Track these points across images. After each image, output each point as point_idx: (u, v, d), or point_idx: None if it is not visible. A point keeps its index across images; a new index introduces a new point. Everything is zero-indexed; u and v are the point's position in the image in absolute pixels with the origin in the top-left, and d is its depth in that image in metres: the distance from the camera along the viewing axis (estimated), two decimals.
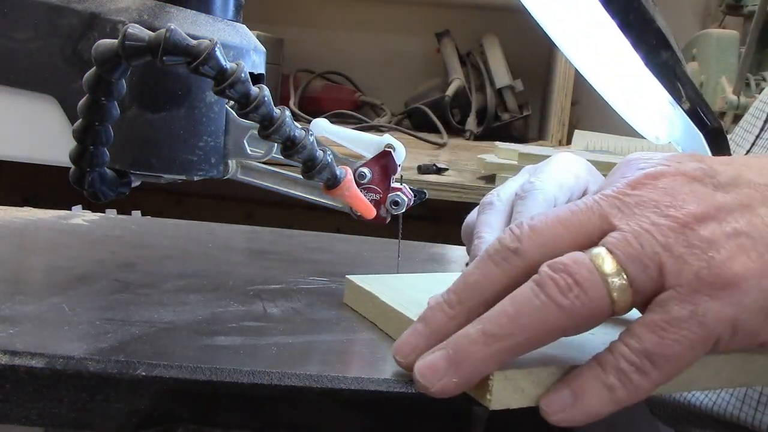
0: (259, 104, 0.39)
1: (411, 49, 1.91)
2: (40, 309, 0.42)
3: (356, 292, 0.47)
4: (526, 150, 1.27)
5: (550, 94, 1.69)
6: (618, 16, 0.38)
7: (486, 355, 0.32)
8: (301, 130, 0.42)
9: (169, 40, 0.36)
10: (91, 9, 0.43)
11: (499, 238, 0.34)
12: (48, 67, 0.44)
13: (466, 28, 1.81)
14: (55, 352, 0.36)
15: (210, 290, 0.48)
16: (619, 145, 1.42)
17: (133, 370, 0.35)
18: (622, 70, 0.45)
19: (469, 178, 1.24)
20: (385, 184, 0.51)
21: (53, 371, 0.35)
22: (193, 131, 0.45)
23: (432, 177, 1.22)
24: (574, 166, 0.60)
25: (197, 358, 0.37)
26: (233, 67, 0.38)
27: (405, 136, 1.57)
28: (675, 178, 0.34)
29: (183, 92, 0.44)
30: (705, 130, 0.42)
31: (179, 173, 0.45)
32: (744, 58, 1.36)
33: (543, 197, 0.55)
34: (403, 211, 0.52)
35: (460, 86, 1.71)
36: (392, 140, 0.51)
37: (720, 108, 1.40)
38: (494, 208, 0.56)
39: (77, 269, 0.51)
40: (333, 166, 0.45)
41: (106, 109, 0.39)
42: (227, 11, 0.46)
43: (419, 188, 0.54)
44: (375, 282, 0.46)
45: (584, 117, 1.77)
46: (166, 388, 0.35)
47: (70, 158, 0.41)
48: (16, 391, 0.35)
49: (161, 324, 0.41)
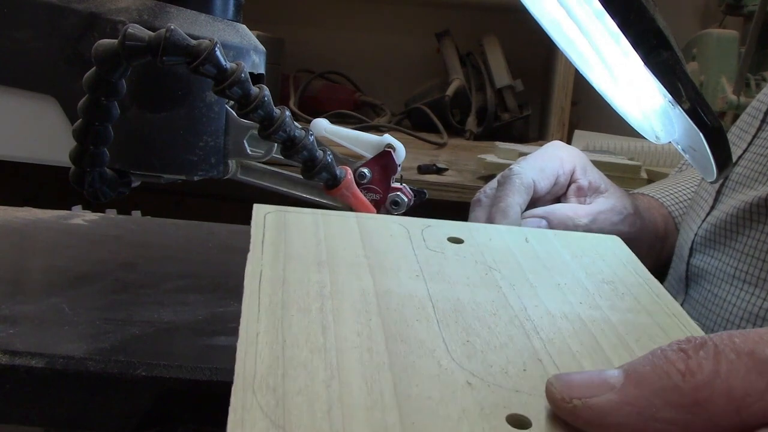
0: (259, 104, 0.39)
1: (411, 49, 1.90)
2: (40, 309, 0.42)
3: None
4: (526, 150, 1.27)
5: (550, 94, 1.69)
6: (618, 16, 0.38)
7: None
8: (301, 130, 0.42)
9: (169, 40, 0.36)
10: (91, 9, 0.43)
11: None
12: (48, 67, 0.44)
13: (466, 28, 1.81)
14: (55, 352, 0.36)
15: (210, 290, 0.48)
16: (619, 145, 1.42)
17: (133, 370, 0.35)
18: (622, 70, 0.45)
19: (469, 178, 1.24)
20: (385, 184, 0.51)
21: (53, 371, 0.35)
22: (193, 131, 0.45)
23: (432, 177, 1.22)
24: (558, 151, 0.61)
25: (197, 358, 0.37)
26: (233, 67, 0.38)
27: (405, 136, 1.57)
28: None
29: (183, 92, 0.44)
30: (705, 129, 0.42)
31: (179, 173, 0.45)
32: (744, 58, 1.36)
33: (520, 182, 0.56)
34: (403, 211, 0.52)
35: (460, 86, 1.71)
36: (392, 140, 0.51)
37: (720, 108, 1.40)
38: (481, 204, 0.57)
39: (77, 269, 0.51)
40: (333, 166, 0.45)
41: (106, 109, 0.39)
42: (227, 11, 0.46)
43: (419, 188, 0.54)
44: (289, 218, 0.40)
45: (584, 117, 1.77)
46: (166, 388, 0.35)
47: (70, 158, 0.41)
48: (16, 391, 0.35)
49: (161, 324, 0.41)
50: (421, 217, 0.45)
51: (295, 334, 0.30)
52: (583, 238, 0.45)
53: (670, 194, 0.74)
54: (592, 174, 0.62)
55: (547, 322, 0.34)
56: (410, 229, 0.42)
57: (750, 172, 0.59)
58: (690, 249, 0.62)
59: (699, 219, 0.63)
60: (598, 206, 0.60)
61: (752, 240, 0.56)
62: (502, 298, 0.36)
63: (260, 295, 0.33)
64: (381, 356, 0.29)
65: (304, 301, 0.33)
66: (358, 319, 0.32)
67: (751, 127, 0.62)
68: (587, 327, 0.34)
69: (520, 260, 0.40)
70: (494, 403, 0.27)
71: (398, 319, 0.33)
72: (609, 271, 0.41)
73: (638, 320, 0.36)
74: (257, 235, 0.38)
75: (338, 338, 0.30)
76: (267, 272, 0.35)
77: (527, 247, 0.42)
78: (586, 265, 0.41)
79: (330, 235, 0.40)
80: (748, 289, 0.55)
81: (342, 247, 0.38)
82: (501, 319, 0.34)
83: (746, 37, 1.39)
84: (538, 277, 0.38)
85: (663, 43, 0.39)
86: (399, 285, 0.36)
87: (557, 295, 0.37)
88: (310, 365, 0.28)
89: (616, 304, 0.37)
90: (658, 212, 0.71)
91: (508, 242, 0.42)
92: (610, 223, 0.60)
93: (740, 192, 0.59)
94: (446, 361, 0.30)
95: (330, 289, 0.34)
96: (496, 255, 0.41)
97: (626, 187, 0.68)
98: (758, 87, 1.40)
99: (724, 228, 0.59)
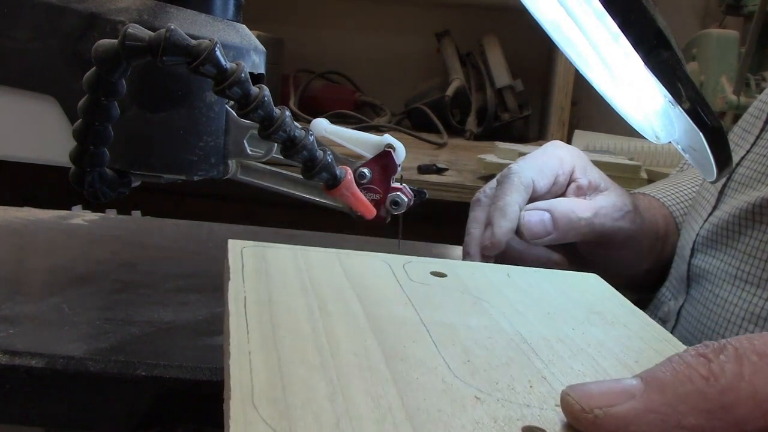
0: (259, 104, 0.39)
1: (411, 49, 1.90)
2: (40, 309, 0.42)
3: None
4: (526, 150, 1.27)
5: (550, 94, 1.69)
6: (618, 16, 0.38)
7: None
8: (301, 130, 0.42)
9: (169, 40, 0.36)
10: (91, 9, 0.43)
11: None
12: (48, 67, 0.44)
13: (466, 28, 1.81)
14: (55, 352, 0.36)
15: (210, 290, 0.48)
16: (619, 145, 1.42)
17: (133, 370, 0.35)
18: (622, 70, 0.45)
19: (469, 178, 1.24)
20: (385, 184, 0.51)
21: (53, 371, 0.35)
22: (193, 131, 0.45)
23: (432, 177, 1.22)
24: (558, 151, 0.61)
25: (197, 358, 0.37)
26: (233, 67, 0.38)
27: (405, 136, 1.57)
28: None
29: (183, 92, 0.44)
30: (705, 129, 0.42)
31: (179, 173, 0.45)
32: (744, 58, 1.36)
33: (519, 181, 0.56)
34: (403, 211, 0.52)
35: (460, 86, 1.71)
36: (392, 140, 0.51)
37: (720, 108, 1.40)
38: (481, 203, 0.58)
39: (77, 269, 0.51)
40: (333, 166, 0.45)
41: (106, 109, 0.39)
42: (227, 11, 0.46)
43: (419, 188, 0.54)
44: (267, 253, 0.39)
45: (584, 117, 1.77)
46: (166, 388, 0.35)
47: (70, 158, 0.41)
48: (16, 391, 0.35)
49: (161, 324, 0.41)
50: (420, 219, 0.45)
51: (290, 353, 0.29)
52: (564, 274, 0.45)
53: (672, 194, 0.74)
54: (592, 173, 0.62)
55: (544, 345, 0.34)
56: (392, 264, 0.42)
57: (753, 173, 0.59)
58: (692, 249, 0.62)
59: (701, 219, 0.63)
60: (600, 202, 0.60)
61: (755, 240, 0.56)
62: (495, 324, 0.36)
63: (247, 316, 0.32)
64: (383, 373, 0.29)
65: (294, 322, 0.32)
66: (353, 340, 0.31)
67: (754, 128, 0.62)
68: (584, 350, 0.34)
69: (506, 293, 0.40)
70: (507, 416, 0.27)
71: (394, 340, 0.32)
72: (596, 303, 0.41)
73: (633, 344, 0.35)
74: (236, 265, 0.37)
75: (335, 357, 0.29)
76: (252, 296, 0.34)
77: (510, 281, 0.42)
78: (572, 298, 0.41)
79: (311, 267, 0.39)
80: (749, 289, 0.55)
81: (326, 279, 0.38)
82: (498, 342, 0.34)
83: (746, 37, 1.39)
84: (527, 308, 0.38)
85: (663, 43, 0.39)
86: (389, 311, 0.35)
87: (549, 323, 0.37)
88: (310, 381, 0.27)
89: (608, 330, 0.37)
90: (658, 212, 0.71)
91: (491, 278, 0.42)
92: (611, 219, 0.60)
93: (743, 192, 0.59)
94: (450, 378, 0.29)
95: (319, 313, 0.33)
96: (481, 287, 0.40)
97: (626, 187, 0.68)
98: (758, 87, 1.40)
99: (726, 228, 0.59)
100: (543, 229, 0.56)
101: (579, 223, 0.57)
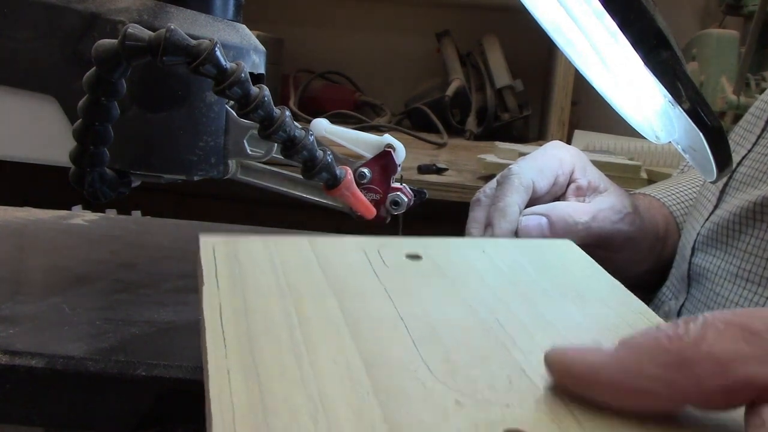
0: (259, 104, 0.39)
1: (411, 49, 1.90)
2: (40, 309, 0.42)
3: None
4: (526, 150, 1.27)
5: (550, 94, 1.69)
6: (618, 16, 0.38)
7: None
8: (301, 130, 0.42)
9: (169, 40, 0.36)
10: (91, 9, 0.43)
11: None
12: (48, 67, 0.44)
13: (466, 28, 1.81)
14: (55, 352, 0.36)
15: None
16: (619, 145, 1.42)
17: (133, 370, 0.35)
18: (622, 70, 0.45)
19: (469, 178, 1.24)
20: (385, 184, 0.51)
21: (53, 371, 0.35)
22: (193, 131, 0.45)
23: (432, 177, 1.22)
24: (558, 151, 0.61)
25: (197, 358, 0.37)
26: (233, 67, 0.38)
27: (405, 136, 1.57)
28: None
29: (183, 92, 0.44)
30: (705, 129, 0.42)
31: (179, 173, 0.45)
32: (744, 58, 1.35)
33: (519, 181, 0.56)
34: (403, 211, 0.52)
35: (460, 86, 1.71)
36: (392, 140, 0.51)
37: (720, 108, 1.40)
38: (481, 204, 0.58)
39: (77, 269, 0.51)
40: (333, 166, 0.45)
41: (106, 109, 0.39)
42: (227, 11, 0.46)
43: (419, 188, 0.54)
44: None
45: (584, 117, 1.77)
46: (166, 388, 0.35)
47: (70, 158, 0.41)
48: (16, 391, 0.35)
49: (161, 324, 0.41)
50: (420, 219, 0.45)
51: (269, 366, 0.29)
52: (539, 243, 0.45)
53: (672, 194, 0.74)
54: (592, 174, 0.62)
55: (523, 332, 0.34)
56: (366, 250, 0.41)
57: (754, 172, 0.59)
58: (692, 248, 0.62)
59: (702, 218, 0.63)
60: (598, 204, 0.60)
61: (756, 239, 0.56)
62: (473, 313, 0.36)
63: (224, 328, 0.32)
64: (363, 383, 0.29)
65: (271, 330, 0.32)
66: (331, 345, 0.31)
67: (756, 128, 0.62)
68: (562, 334, 0.34)
69: (482, 274, 0.40)
70: (488, 420, 0.27)
71: (372, 342, 0.32)
72: (573, 277, 0.41)
73: (609, 322, 0.36)
74: (209, 268, 0.37)
75: (315, 367, 0.29)
76: (227, 303, 0.34)
77: (486, 257, 0.42)
78: (549, 274, 0.41)
79: (285, 262, 0.38)
80: (750, 288, 0.55)
81: (300, 274, 0.37)
82: (476, 333, 0.34)
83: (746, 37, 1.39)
84: (504, 290, 0.38)
85: (663, 43, 0.39)
86: (366, 307, 0.35)
87: (526, 305, 0.37)
88: (290, 400, 0.27)
89: (586, 309, 0.37)
90: (658, 212, 0.71)
91: (467, 255, 0.42)
92: (610, 221, 0.60)
93: (744, 191, 0.59)
94: (431, 382, 0.30)
95: (296, 317, 0.33)
96: (458, 268, 0.40)
97: (626, 187, 0.68)
98: (758, 87, 1.40)
99: (727, 227, 0.59)
100: (540, 233, 0.56)
101: (576, 227, 0.57)
